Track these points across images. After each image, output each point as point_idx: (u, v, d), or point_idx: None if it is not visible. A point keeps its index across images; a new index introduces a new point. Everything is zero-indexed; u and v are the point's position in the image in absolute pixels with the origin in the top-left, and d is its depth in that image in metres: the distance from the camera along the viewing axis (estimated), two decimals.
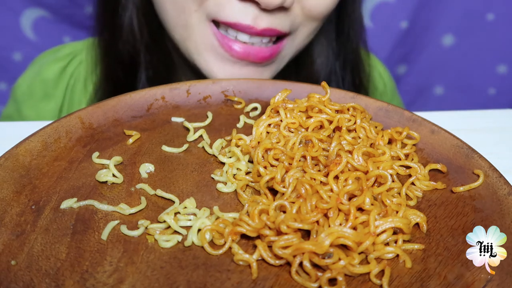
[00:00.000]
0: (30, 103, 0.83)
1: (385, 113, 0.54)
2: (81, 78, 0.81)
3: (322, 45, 0.77)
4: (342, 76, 0.79)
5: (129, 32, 0.73)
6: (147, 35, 0.73)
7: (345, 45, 0.78)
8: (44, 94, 0.83)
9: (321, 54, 0.77)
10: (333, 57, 0.77)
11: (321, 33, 0.76)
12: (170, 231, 0.40)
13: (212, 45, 0.64)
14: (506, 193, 0.42)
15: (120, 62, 0.75)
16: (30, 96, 0.84)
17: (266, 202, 0.41)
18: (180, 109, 0.55)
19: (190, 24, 0.64)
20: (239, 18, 0.60)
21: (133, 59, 0.74)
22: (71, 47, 0.87)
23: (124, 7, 0.72)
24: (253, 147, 0.47)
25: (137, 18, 0.72)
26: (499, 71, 1.24)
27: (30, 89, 0.84)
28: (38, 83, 0.83)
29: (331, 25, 0.76)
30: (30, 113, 0.82)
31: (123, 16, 0.72)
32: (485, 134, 0.59)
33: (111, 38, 0.75)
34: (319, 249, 0.35)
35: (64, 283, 0.35)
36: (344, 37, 0.77)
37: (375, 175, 0.42)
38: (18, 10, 1.12)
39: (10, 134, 0.54)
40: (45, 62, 0.85)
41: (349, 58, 0.79)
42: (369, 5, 1.16)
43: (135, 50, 0.73)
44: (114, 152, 0.48)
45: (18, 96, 0.85)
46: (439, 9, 1.17)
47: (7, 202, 0.41)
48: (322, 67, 0.77)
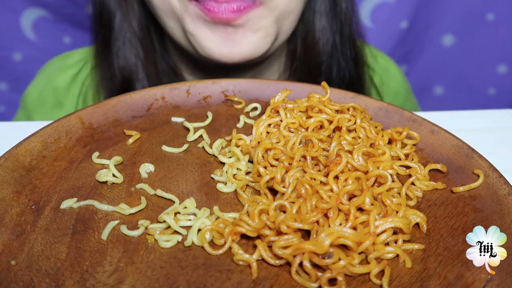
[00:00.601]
0: (41, 111, 0.84)
1: (385, 113, 0.54)
2: (93, 85, 0.81)
3: (323, 24, 0.77)
4: (342, 51, 0.79)
5: (123, 56, 0.75)
6: (143, 55, 0.76)
7: (341, 18, 0.79)
8: (55, 102, 0.83)
9: (322, 33, 0.78)
10: (333, 33, 0.78)
11: (321, 12, 0.77)
12: (170, 231, 0.40)
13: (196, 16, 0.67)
14: (506, 193, 0.42)
15: (115, 81, 0.76)
16: (41, 104, 0.84)
17: (266, 202, 0.41)
18: (180, 109, 0.55)
19: (174, 5, 0.67)
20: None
21: (129, 78, 0.76)
22: (80, 54, 0.87)
23: (117, 31, 0.75)
24: (253, 147, 0.47)
25: (132, 40, 0.75)
26: (499, 71, 1.24)
27: (41, 97, 0.84)
28: (49, 91, 0.84)
29: (329, 3, 0.77)
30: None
31: (116, 40, 0.75)
32: (485, 134, 0.59)
33: (106, 57, 0.77)
34: (319, 249, 0.35)
35: (64, 283, 0.35)
36: (338, 9, 0.78)
37: (375, 175, 0.42)
38: (18, 10, 1.12)
39: (10, 134, 0.54)
40: (55, 69, 0.86)
41: (346, 32, 0.80)
42: (369, 5, 1.16)
43: (131, 71, 0.76)
44: (114, 152, 0.48)
45: (28, 104, 0.85)
46: (439, 9, 1.17)
47: (7, 202, 0.41)
48: (325, 46, 0.78)
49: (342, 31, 0.79)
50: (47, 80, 0.85)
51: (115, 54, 0.75)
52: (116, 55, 0.75)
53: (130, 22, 0.75)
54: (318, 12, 0.77)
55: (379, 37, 1.16)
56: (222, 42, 0.67)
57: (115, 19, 0.75)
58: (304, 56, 0.79)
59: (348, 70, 0.80)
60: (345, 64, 0.80)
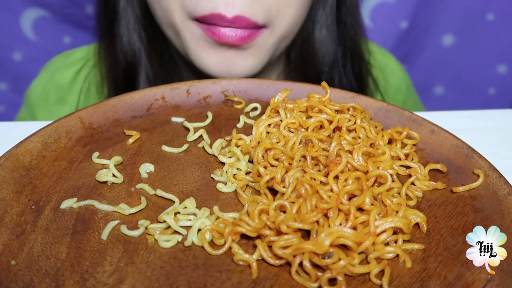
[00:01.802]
0: (44, 108, 0.85)
1: (385, 113, 0.54)
2: (95, 82, 0.82)
3: (323, 35, 0.77)
4: (343, 64, 0.79)
5: (127, 41, 0.75)
6: (146, 42, 0.75)
7: (344, 32, 0.79)
8: (58, 99, 0.84)
9: (323, 44, 0.78)
10: (335, 45, 0.78)
11: (322, 22, 0.77)
12: (170, 231, 0.40)
13: (199, 36, 0.67)
14: (506, 193, 0.42)
15: (119, 67, 0.77)
16: (44, 101, 0.85)
17: (266, 202, 0.41)
18: (180, 109, 0.55)
19: (176, 23, 0.67)
20: (212, 7, 0.63)
21: (133, 64, 0.76)
22: (83, 52, 0.88)
23: (122, 16, 0.75)
24: (253, 147, 0.47)
25: (135, 26, 0.75)
26: (499, 71, 1.24)
27: (44, 93, 0.85)
28: (52, 88, 0.85)
29: (332, 15, 0.77)
30: (45, 118, 0.83)
31: (121, 25, 0.75)
32: (485, 134, 0.59)
33: (110, 45, 0.77)
34: (319, 249, 0.35)
35: (64, 283, 0.35)
36: (342, 24, 0.78)
37: (375, 175, 0.42)
38: (18, 10, 1.12)
39: (10, 134, 0.54)
40: (57, 67, 0.87)
41: (349, 45, 0.80)
42: (369, 5, 1.16)
43: (135, 57, 0.76)
44: (114, 152, 0.48)
45: (32, 100, 0.86)
46: (439, 9, 1.17)
47: (7, 202, 0.41)
48: (325, 57, 0.78)
49: (345, 45, 0.79)
50: (50, 77, 0.86)
51: (119, 39, 0.75)
52: (120, 40, 0.75)
53: (133, 7, 0.75)
54: (319, 23, 0.77)
55: (379, 37, 1.15)
56: (222, 63, 0.67)
57: (120, 4, 0.75)
58: (301, 64, 0.79)
59: (349, 83, 0.80)
60: (346, 78, 0.80)
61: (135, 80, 0.76)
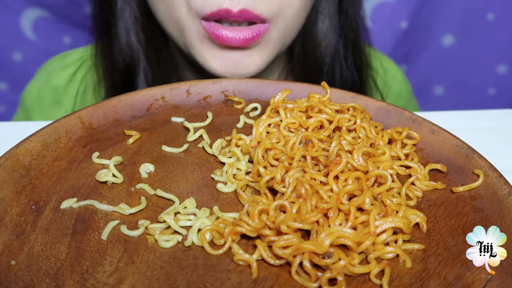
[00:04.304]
0: (39, 110, 0.84)
1: (385, 113, 0.54)
2: (92, 84, 0.81)
3: (326, 26, 0.77)
4: (345, 56, 0.79)
5: (125, 43, 0.75)
6: (144, 43, 0.75)
7: (345, 24, 0.79)
8: (53, 101, 0.83)
9: (325, 35, 0.78)
10: (336, 36, 0.78)
11: (325, 13, 0.77)
12: (170, 231, 0.40)
13: (203, 36, 0.66)
14: (506, 193, 0.42)
15: (117, 69, 0.76)
16: (39, 104, 0.84)
17: (266, 202, 0.41)
18: (180, 109, 0.55)
19: (181, 20, 0.66)
20: (219, 3, 0.63)
21: (131, 66, 0.75)
22: (79, 53, 0.87)
23: (119, 17, 0.74)
24: (253, 147, 0.47)
25: (133, 26, 0.74)
26: (499, 71, 1.24)
27: (40, 96, 0.84)
28: (48, 90, 0.84)
29: (334, 5, 0.77)
30: (40, 120, 0.82)
31: (118, 26, 0.74)
32: (485, 134, 0.59)
33: (108, 46, 0.76)
34: (319, 249, 0.35)
35: (64, 283, 0.35)
36: (344, 15, 0.78)
37: (375, 175, 0.42)
38: (18, 10, 1.12)
39: (10, 134, 0.54)
40: (53, 68, 0.85)
41: (350, 37, 0.80)
42: (369, 5, 1.16)
43: (133, 58, 0.75)
44: (114, 152, 0.48)
45: (27, 103, 0.85)
46: (439, 9, 1.17)
47: (7, 202, 0.41)
48: (327, 48, 0.78)
49: (346, 37, 0.79)
50: (45, 79, 0.85)
51: (117, 40, 0.75)
52: (118, 41, 0.75)
53: (131, 8, 0.74)
54: (322, 14, 0.77)
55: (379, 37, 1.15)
56: (227, 65, 0.67)
57: (117, 5, 0.74)
58: (304, 56, 0.79)
59: (351, 75, 0.80)
60: (348, 70, 0.80)
61: (133, 81, 0.76)
